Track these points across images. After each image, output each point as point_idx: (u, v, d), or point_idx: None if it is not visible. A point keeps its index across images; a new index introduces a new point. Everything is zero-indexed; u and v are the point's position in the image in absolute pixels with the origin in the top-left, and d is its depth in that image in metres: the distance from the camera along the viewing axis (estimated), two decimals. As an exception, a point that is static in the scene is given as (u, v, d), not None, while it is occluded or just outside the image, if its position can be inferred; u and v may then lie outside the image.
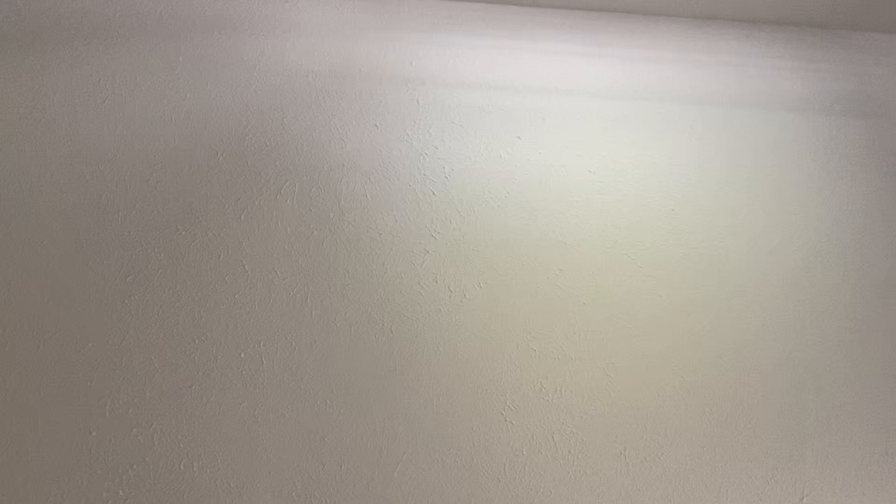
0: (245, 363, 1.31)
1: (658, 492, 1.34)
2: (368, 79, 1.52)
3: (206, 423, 1.27)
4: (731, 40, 1.68)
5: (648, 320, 1.44)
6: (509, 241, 1.45)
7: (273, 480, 1.25)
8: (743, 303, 1.48)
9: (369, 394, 1.32)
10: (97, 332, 1.29)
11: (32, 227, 1.33)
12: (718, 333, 1.45)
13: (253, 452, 1.26)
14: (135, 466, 1.23)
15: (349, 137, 1.47)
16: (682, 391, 1.40)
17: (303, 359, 1.32)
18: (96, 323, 1.30)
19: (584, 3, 1.63)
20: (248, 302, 1.34)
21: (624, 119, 1.57)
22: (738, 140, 1.59)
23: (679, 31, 1.67)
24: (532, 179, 1.50)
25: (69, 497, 1.21)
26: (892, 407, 1.45)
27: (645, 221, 1.50)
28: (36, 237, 1.32)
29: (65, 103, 1.41)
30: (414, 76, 1.53)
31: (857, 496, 1.39)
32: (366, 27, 1.55)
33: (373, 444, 1.28)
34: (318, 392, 1.31)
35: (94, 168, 1.38)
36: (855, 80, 1.68)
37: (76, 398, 1.25)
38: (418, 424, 1.30)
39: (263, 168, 1.42)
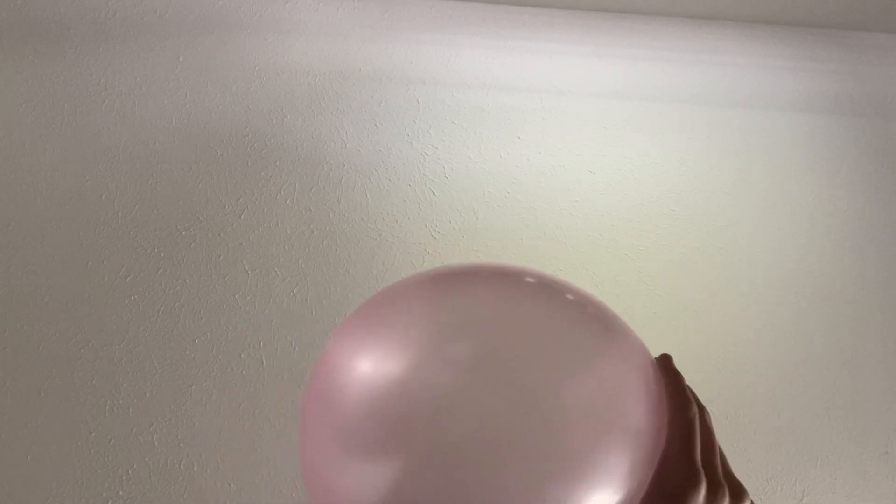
0: (245, 363, 1.31)
1: (658, 492, 1.34)
2: (368, 79, 1.51)
3: (206, 423, 1.27)
4: (731, 40, 1.68)
5: (648, 320, 1.44)
6: (509, 241, 1.45)
7: (273, 480, 1.25)
8: (743, 302, 1.48)
9: (369, 394, 1.32)
10: (97, 332, 1.29)
11: (32, 226, 1.33)
12: (718, 333, 1.45)
13: (253, 452, 1.26)
14: (135, 466, 1.23)
15: (349, 137, 1.47)
16: (682, 391, 1.40)
17: (303, 359, 1.32)
18: (96, 323, 1.30)
19: (584, 3, 1.63)
20: (248, 302, 1.34)
21: (624, 119, 1.57)
22: (738, 140, 1.59)
23: (679, 31, 1.67)
24: (532, 179, 1.50)
25: (69, 497, 1.21)
26: (892, 407, 1.45)
27: (645, 221, 1.50)
28: (36, 237, 1.32)
29: (65, 103, 1.41)
30: (414, 76, 1.53)
31: (857, 496, 1.39)
32: (366, 27, 1.55)
33: (373, 444, 1.28)
34: (318, 392, 1.31)
35: (94, 168, 1.38)
36: (855, 80, 1.68)
37: (76, 398, 1.25)
38: (418, 424, 1.30)
39: (263, 168, 1.42)
